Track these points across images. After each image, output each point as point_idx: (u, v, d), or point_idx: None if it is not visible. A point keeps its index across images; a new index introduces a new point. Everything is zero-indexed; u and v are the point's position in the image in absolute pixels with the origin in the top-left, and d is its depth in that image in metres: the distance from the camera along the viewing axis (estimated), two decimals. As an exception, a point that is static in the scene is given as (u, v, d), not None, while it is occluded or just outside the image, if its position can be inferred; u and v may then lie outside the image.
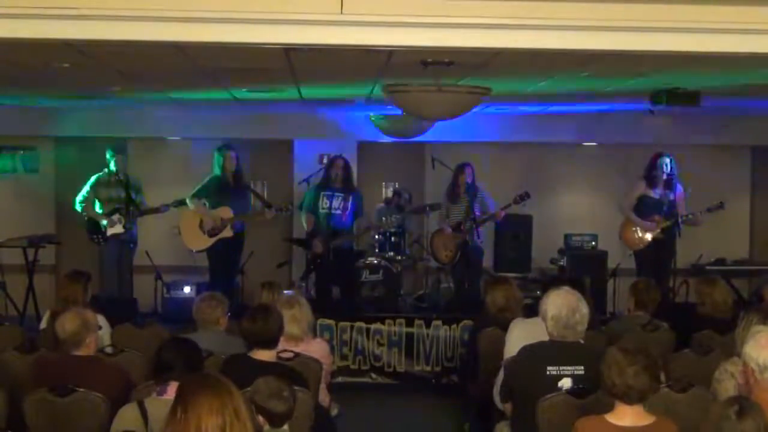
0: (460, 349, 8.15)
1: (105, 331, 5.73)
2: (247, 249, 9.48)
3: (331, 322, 8.29)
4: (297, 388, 4.13)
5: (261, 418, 3.83)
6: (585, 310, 4.67)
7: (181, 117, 10.55)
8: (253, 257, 9.75)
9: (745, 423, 3.22)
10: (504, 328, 5.67)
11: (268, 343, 4.73)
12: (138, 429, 3.90)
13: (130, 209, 9.16)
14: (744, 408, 3.25)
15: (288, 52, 5.38)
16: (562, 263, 10.10)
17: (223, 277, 9.14)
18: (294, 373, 4.58)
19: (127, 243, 9.29)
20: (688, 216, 9.05)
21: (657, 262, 9.11)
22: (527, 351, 4.73)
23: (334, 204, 9.04)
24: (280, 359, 4.89)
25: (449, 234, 9.33)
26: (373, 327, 8.35)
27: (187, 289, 10.07)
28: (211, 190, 9.13)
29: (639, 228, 9.15)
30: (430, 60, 5.62)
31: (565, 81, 6.92)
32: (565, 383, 4.54)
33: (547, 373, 4.57)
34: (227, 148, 9.25)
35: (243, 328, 4.84)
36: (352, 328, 8.33)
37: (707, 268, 10.13)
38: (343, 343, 8.30)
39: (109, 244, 9.19)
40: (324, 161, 10.11)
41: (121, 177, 9.20)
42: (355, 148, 10.81)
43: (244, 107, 9.87)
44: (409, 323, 8.38)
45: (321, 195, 9.08)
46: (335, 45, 4.74)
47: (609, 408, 3.87)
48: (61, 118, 10.49)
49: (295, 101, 8.95)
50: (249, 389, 3.88)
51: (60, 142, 11.00)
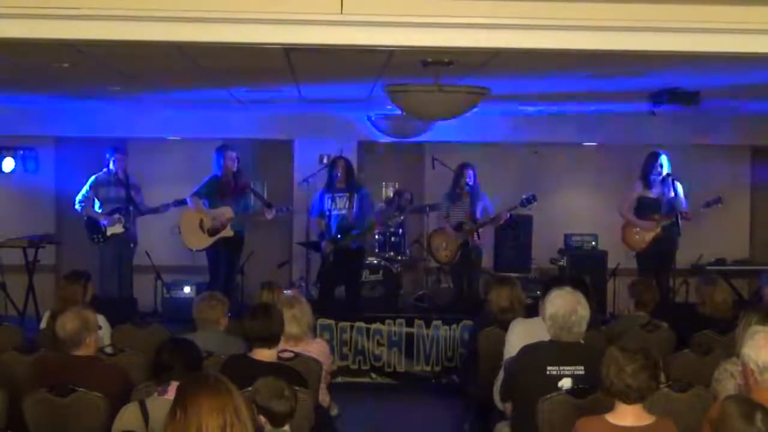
0: (460, 349, 8.15)
1: (105, 331, 5.72)
2: (247, 249, 9.48)
3: (331, 322, 8.29)
4: (297, 388, 4.12)
5: (262, 418, 3.83)
6: (584, 311, 4.66)
7: (181, 117, 10.54)
8: (253, 257, 9.75)
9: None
10: (504, 328, 5.67)
11: (269, 341, 4.72)
12: (139, 429, 3.90)
13: (130, 209, 9.15)
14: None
15: (288, 52, 5.38)
16: (562, 263, 10.10)
17: (223, 277, 9.14)
18: (294, 373, 4.58)
19: (127, 243, 9.28)
20: (686, 213, 9.05)
21: (658, 261, 9.11)
22: (527, 351, 4.72)
23: (339, 204, 9.03)
24: (280, 359, 4.88)
25: (450, 233, 9.32)
26: (373, 327, 8.35)
27: (187, 289, 10.08)
28: (211, 190, 9.12)
29: (639, 229, 9.14)
30: (430, 60, 5.62)
31: (565, 81, 6.93)
32: (565, 383, 4.54)
33: (547, 373, 4.56)
34: (227, 148, 9.24)
35: (244, 326, 4.83)
36: (352, 328, 8.34)
37: (707, 268, 10.12)
38: (343, 343, 8.30)
39: (109, 243, 9.18)
40: (324, 161, 10.12)
41: (121, 177, 9.19)
42: (355, 148, 10.81)
43: (244, 107, 9.87)
44: (409, 323, 8.38)
45: (326, 197, 9.07)
46: (335, 45, 4.75)
47: (609, 408, 3.87)
48: (61, 118, 10.50)
49: (295, 101, 8.96)
50: (250, 389, 3.89)
51: (60, 142, 11.00)
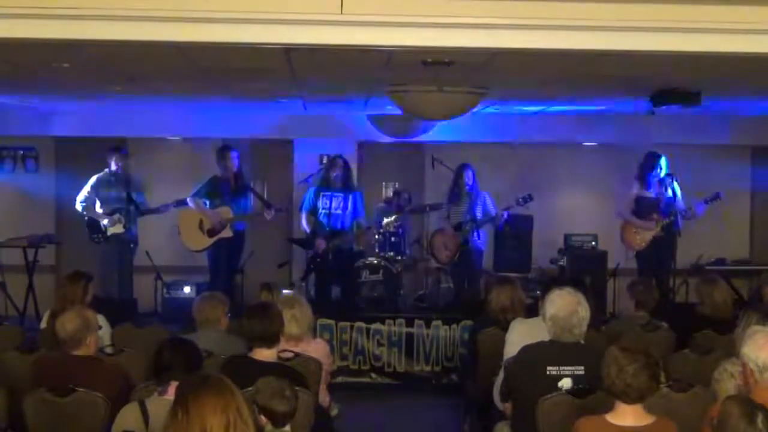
0: (460, 349, 8.15)
1: (105, 331, 5.72)
2: (247, 249, 9.48)
3: (331, 322, 8.28)
4: (297, 388, 4.12)
5: (263, 418, 3.83)
6: (584, 311, 4.66)
7: (181, 117, 10.54)
8: (253, 257, 9.75)
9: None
10: (504, 328, 5.67)
11: (269, 341, 4.72)
12: (139, 429, 3.90)
13: (130, 209, 9.15)
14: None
15: (288, 52, 5.38)
16: (562, 263, 10.10)
17: (223, 277, 9.14)
18: (294, 373, 4.58)
19: (128, 243, 9.29)
20: (686, 211, 9.05)
21: (658, 261, 9.11)
22: (527, 351, 4.72)
23: (333, 204, 9.03)
24: (280, 359, 4.88)
25: (450, 234, 9.32)
26: (373, 327, 8.34)
27: (187, 289, 10.07)
28: (212, 190, 9.12)
29: (639, 229, 9.14)
30: (430, 60, 5.62)
31: (565, 81, 6.92)
32: (565, 383, 4.54)
33: (547, 373, 4.56)
34: (227, 148, 9.25)
35: (243, 325, 4.83)
36: (352, 328, 8.33)
37: (707, 268, 10.12)
38: (343, 343, 8.29)
39: (110, 243, 9.18)
40: (324, 161, 10.12)
41: (122, 177, 9.19)
42: (355, 148, 10.81)
43: (244, 107, 9.87)
44: (409, 323, 8.37)
45: (320, 195, 9.07)
46: (335, 45, 4.75)
47: (609, 408, 3.87)
48: (61, 118, 10.50)
49: (295, 101, 8.96)
50: (250, 389, 3.88)
51: (60, 142, 11.00)
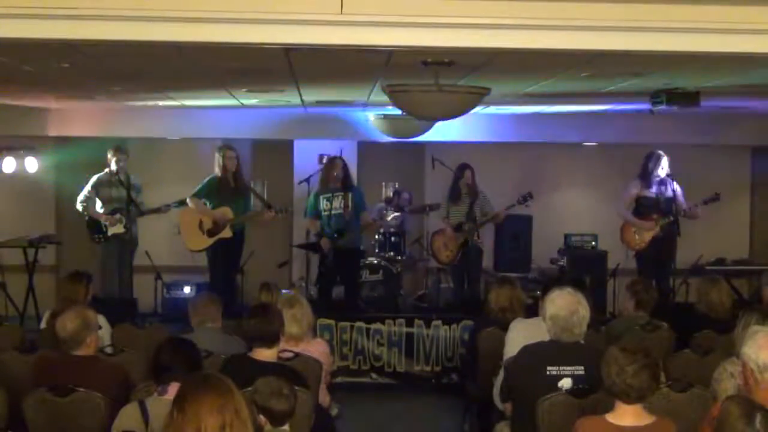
0: (460, 349, 8.15)
1: (105, 331, 5.73)
2: (247, 249, 9.47)
3: (331, 322, 8.28)
4: (297, 388, 4.12)
5: (262, 417, 3.83)
6: (584, 311, 4.66)
7: (181, 117, 10.54)
8: (253, 257, 9.75)
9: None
10: (504, 328, 5.68)
11: (269, 341, 4.71)
12: (139, 429, 3.90)
13: (130, 209, 9.15)
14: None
15: (288, 52, 5.38)
16: (562, 263, 10.10)
17: (223, 277, 9.14)
18: (294, 373, 4.58)
19: (128, 243, 9.29)
20: (685, 211, 9.05)
21: (658, 262, 9.11)
22: (527, 351, 4.73)
23: (334, 204, 9.02)
24: (280, 359, 4.88)
25: (450, 234, 9.32)
26: (373, 327, 8.34)
27: (187, 289, 10.08)
28: (212, 190, 9.11)
29: (638, 229, 9.15)
30: (430, 60, 5.62)
31: (565, 81, 6.92)
32: (565, 383, 4.54)
33: (547, 373, 4.57)
34: (227, 147, 9.24)
35: (244, 326, 4.83)
36: (352, 328, 8.33)
37: (707, 268, 10.12)
38: (343, 343, 8.29)
39: (110, 243, 9.19)
40: (324, 161, 10.11)
41: (122, 177, 9.19)
42: (355, 148, 10.81)
43: (244, 107, 9.86)
44: (409, 323, 8.37)
45: (321, 198, 9.06)
46: (335, 45, 4.74)
47: (609, 408, 3.87)
48: (61, 118, 10.49)
49: (296, 101, 8.95)
50: (250, 389, 3.89)
51: (60, 142, 11.00)
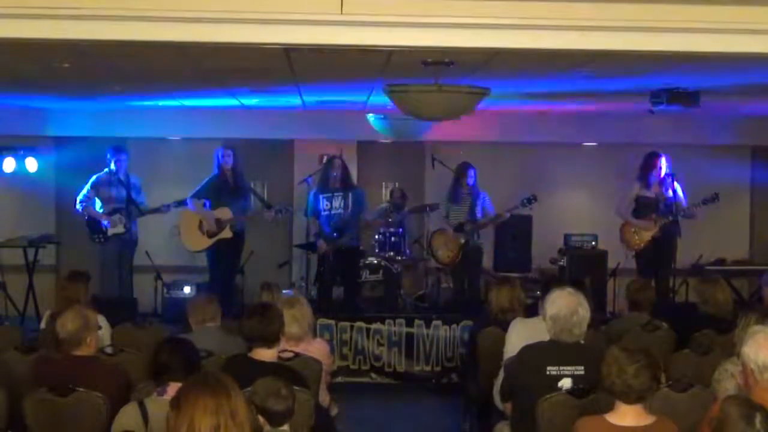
0: (460, 349, 8.15)
1: (105, 331, 5.73)
2: (247, 249, 9.47)
3: (331, 322, 8.29)
4: (297, 388, 4.12)
5: (261, 418, 3.83)
6: (585, 311, 4.66)
7: (181, 117, 10.54)
8: (253, 257, 9.74)
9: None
10: (504, 328, 5.67)
11: (269, 341, 4.71)
12: (138, 429, 3.90)
13: (130, 209, 9.15)
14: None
15: (288, 52, 5.38)
16: (562, 263, 10.09)
17: (223, 278, 9.14)
18: (294, 373, 4.58)
19: (128, 243, 9.28)
20: (685, 211, 9.05)
21: (657, 262, 9.11)
22: (527, 351, 4.73)
23: (334, 204, 9.02)
24: (280, 359, 4.88)
25: (450, 234, 9.32)
26: (373, 327, 8.35)
27: (187, 289, 10.07)
28: (211, 190, 9.12)
29: (638, 229, 9.15)
30: (430, 60, 5.62)
31: (565, 81, 6.92)
32: (565, 383, 4.54)
33: (547, 373, 4.56)
34: (227, 147, 9.25)
35: (243, 326, 4.82)
36: (352, 328, 8.33)
37: (707, 268, 10.12)
38: (343, 343, 8.30)
39: (110, 243, 9.18)
40: (323, 161, 10.12)
41: (122, 177, 9.19)
42: (355, 148, 10.81)
43: (244, 107, 9.86)
44: (409, 323, 8.38)
45: (320, 198, 9.06)
46: (335, 45, 4.74)
47: (609, 408, 3.87)
48: (61, 118, 10.49)
49: (295, 100, 8.96)
50: (248, 390, 3.88)
51: (60, 142, 11.00)
